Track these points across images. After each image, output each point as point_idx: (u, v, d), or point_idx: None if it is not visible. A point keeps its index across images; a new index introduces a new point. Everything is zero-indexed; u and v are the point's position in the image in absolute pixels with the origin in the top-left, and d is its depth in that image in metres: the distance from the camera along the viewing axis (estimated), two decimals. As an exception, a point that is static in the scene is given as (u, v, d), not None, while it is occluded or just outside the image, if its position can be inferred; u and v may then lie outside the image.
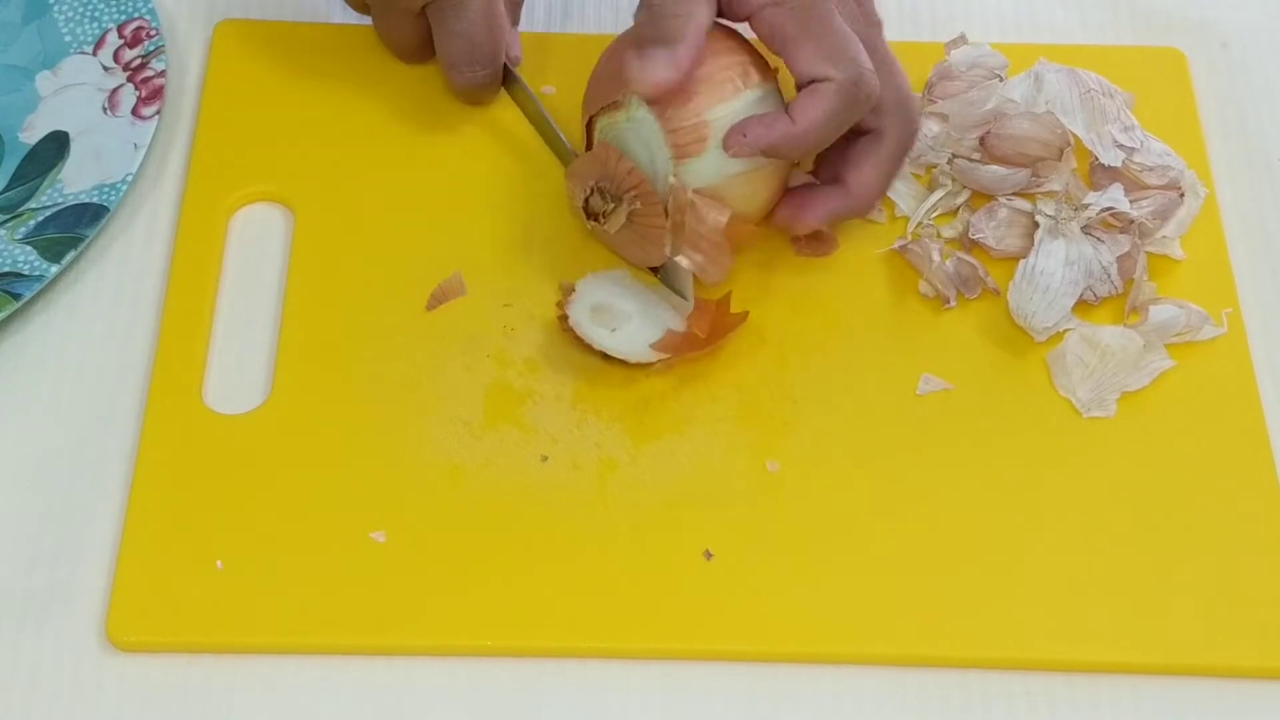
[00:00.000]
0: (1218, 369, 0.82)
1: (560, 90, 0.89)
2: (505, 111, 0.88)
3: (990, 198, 0.85)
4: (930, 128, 0.87)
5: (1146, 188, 0.85)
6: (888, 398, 0.80)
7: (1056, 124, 0.84)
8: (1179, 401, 0.81)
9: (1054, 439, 0.80)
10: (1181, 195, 0.85)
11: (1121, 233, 0.83)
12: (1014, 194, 0.85)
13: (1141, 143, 0.86)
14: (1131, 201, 0.84)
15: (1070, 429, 0.80)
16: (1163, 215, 0.84)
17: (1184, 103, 0.90)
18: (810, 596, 0.75)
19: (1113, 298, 0.83)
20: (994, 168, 0.84)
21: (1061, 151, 0.84)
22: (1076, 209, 0.83)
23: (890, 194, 0.86)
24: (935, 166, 0.87)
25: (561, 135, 0.86)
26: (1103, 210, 0.83)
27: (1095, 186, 0.85)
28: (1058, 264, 0.81)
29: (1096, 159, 0.85)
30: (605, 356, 0.79)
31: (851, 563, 0.76)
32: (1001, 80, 0.88)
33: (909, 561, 0.76)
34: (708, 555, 0.76)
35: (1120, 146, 0.85)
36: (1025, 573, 0.76)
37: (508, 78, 0.88)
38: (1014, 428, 0.80)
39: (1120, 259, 0.83)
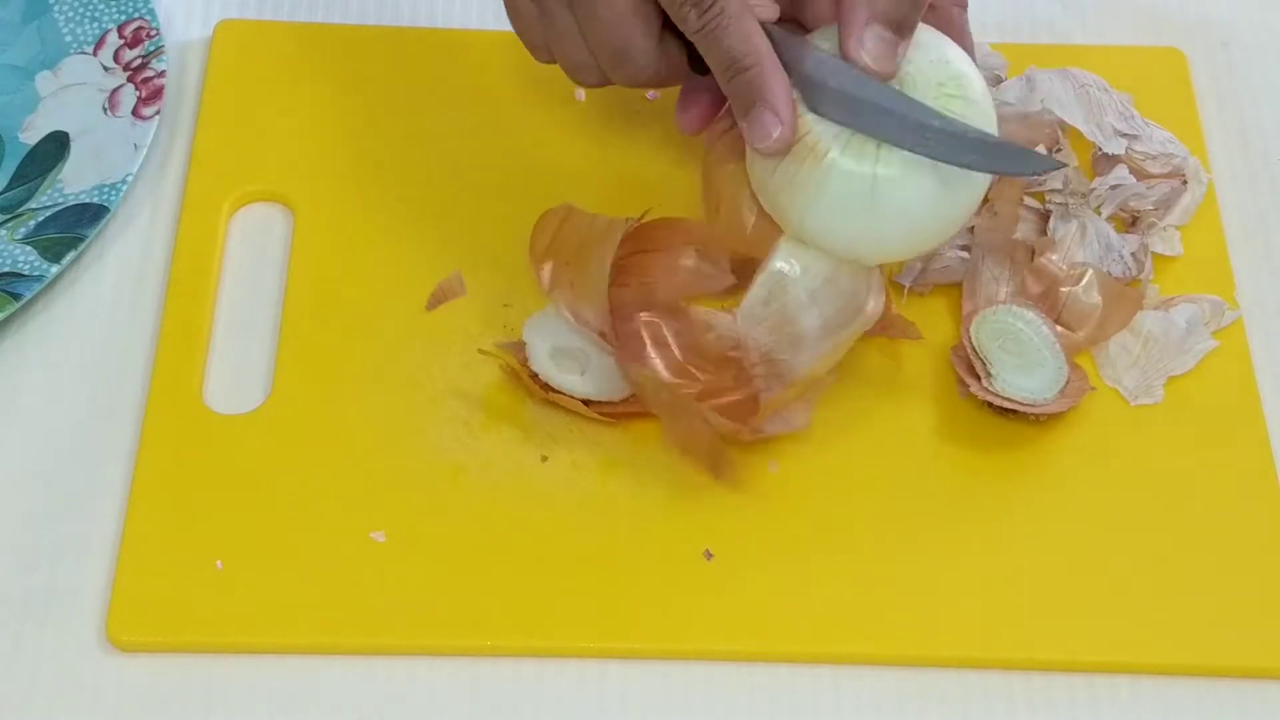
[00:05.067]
0: (1217, 370, 0.82)
1: (590, 95, 0.88)
2: (506, 110, 0.88)
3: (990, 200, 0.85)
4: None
5: (1150, 177, 0.85)
6: (890, 396, 0.80)
7: (1046, 123, 0.85)
8: (1179, 401, 0.81)
9: (1054, 438, 0.80)
10: (1185, 183, 0.85)
11: (1130, 230, 0.84)
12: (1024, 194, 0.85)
13: (1142, 130, 0.86)
14: (1135, 195, 0.84)
15: (1073, 428, 0.80)
16: (1166, 204, 0.84)
17: (1184, 102, 0.90)
18: (810, 596, 0.75)
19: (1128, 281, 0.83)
20: None
21: (1050, 149, 0.84)
22: (1084, 194, 0.83)
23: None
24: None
25: None
26: (1111, 188, 0.83)
27: (1098, 176, 0.85)
28: (1076, 245, 0.81)
29: (1099, 150, 0.85)
30: (584, 402, 0.78)
31: (852, 563, 0.76)
32: (1001, 79, 0.88)
33: (909, 561, 0.76)
34: (708, 555, 0.76)
35: (1122, 135, 0.85)
36: (1024, 573, 0.76)
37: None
38: (1011, 426, 0.80)
39: (1133, 254, 0.83)
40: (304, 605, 0.74)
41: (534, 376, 0.78)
